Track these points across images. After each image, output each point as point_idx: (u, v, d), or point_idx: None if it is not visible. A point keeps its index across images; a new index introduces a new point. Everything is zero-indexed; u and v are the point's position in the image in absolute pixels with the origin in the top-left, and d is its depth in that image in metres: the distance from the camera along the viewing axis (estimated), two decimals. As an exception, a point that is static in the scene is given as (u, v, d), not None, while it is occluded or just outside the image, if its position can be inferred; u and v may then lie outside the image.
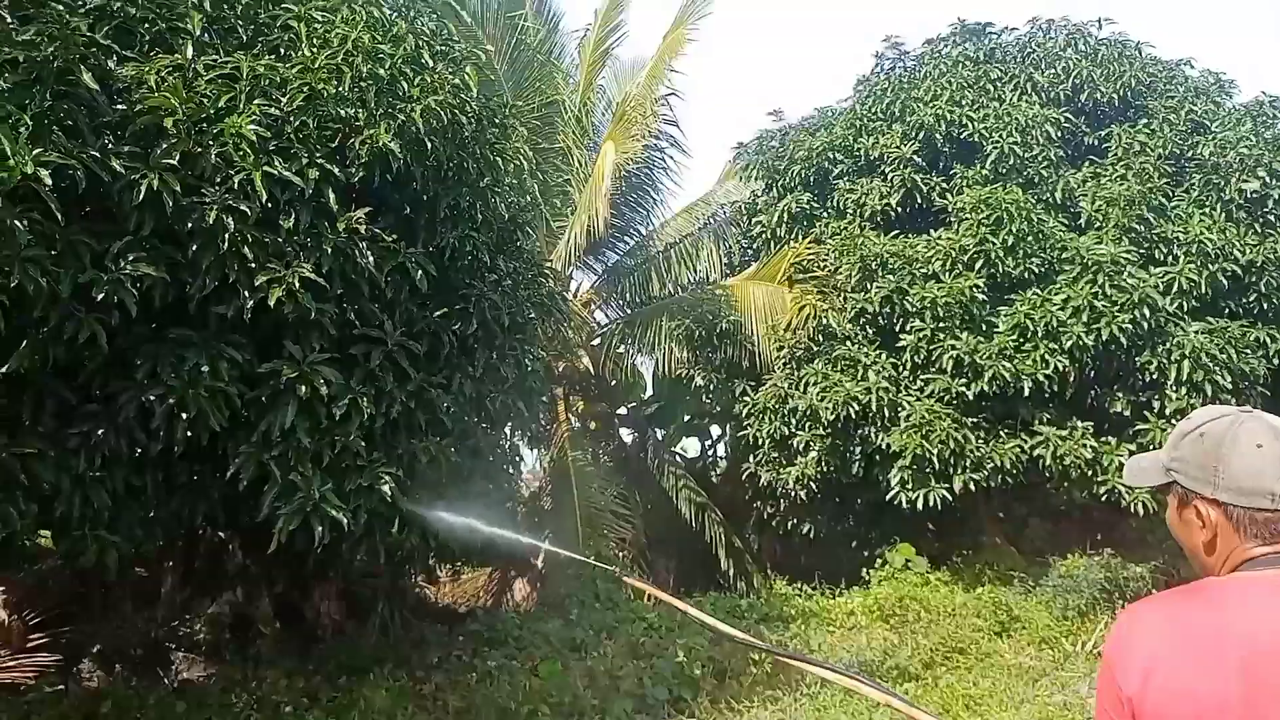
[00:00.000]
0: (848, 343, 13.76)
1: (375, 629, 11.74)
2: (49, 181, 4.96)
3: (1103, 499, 12.79)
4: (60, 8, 5.59)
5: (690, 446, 21.43)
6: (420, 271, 6.87)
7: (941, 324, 12.96)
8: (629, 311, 17.66)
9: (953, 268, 13.28)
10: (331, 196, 6.27)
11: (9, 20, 5.34)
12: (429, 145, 6.80)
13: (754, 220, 15.85)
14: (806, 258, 14.48)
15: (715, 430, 20.22)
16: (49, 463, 5.77)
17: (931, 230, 14.10)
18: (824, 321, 13.87)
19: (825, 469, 13.93)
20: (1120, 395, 13.19)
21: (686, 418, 19.75)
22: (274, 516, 6.35)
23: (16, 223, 4.93)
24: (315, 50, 6.50)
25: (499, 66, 14.84)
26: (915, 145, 14.40)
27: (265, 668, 9.44)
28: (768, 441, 14.39)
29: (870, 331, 13.87)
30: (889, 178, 14.41)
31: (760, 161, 15.85)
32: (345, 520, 6.43)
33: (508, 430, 9.79)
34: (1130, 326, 12.35)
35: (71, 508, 5.97)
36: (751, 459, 15.09)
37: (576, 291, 17.70)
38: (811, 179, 15.27)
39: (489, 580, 16.98)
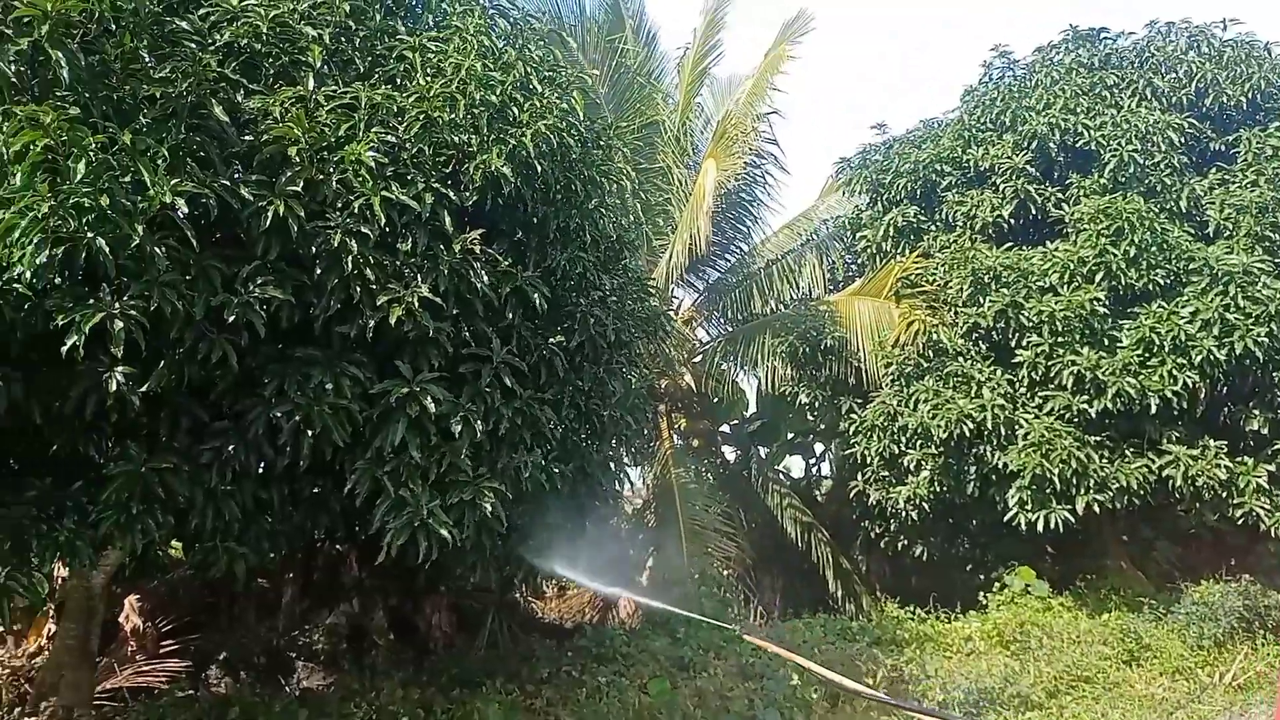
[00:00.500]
0: (960, 359, 13.39)
1: (485, 642, 11.93)
2: (185, 210, 5.24)
3: (1238, 522, 12.10)
4: (193, 46, 5.91)
5: (794, 464, 21.17)
6: (536, 293, 6.97)
7: (1060, 339, 12.51)
8: (730, 329, 17.61)
9: (1071, 280, 12.82)
10: (447, 219, 6.43)
11: (147, 60, 5.67)
12: (539, 168, 6.91)
13: (858, 235, 15.63)
14: (914, 272, 14.19)
15: (819, 448, 19.93)
16: (184, 477, 6.06)
17: (1047, 242, 13.65)
18: (934, 337, 13.54)
19: (938, 488, 13.56)
20: (1257, 413, 12.51)
21: (790, 435, 19.51)
22: (384, 530, 6.53)
23: (156, 249, 5.21)
24: (430, 79, 6.70)
25: (600, 89, 15.05)
26: (1028, 155, 13.98)
27: (381, 678, 9.68)
28: (876, 460, 14.10)
29: (983, 347, 13.48)
30: (1000, 189, 14.02)
31: (864, 175, 15.63)
32: (451, 536, 6.55)
33: (613, 444, 9.81)
34: (1266, 340, 11.69)
35: (205, 520, 6.25)
36: (859, 477, 14.81)
37: (678, 309, 17.74)
38: (918, 192, 14.98)
39: (594, 596, 17.08)
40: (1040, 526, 12.40)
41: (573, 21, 15.96)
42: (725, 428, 18.95)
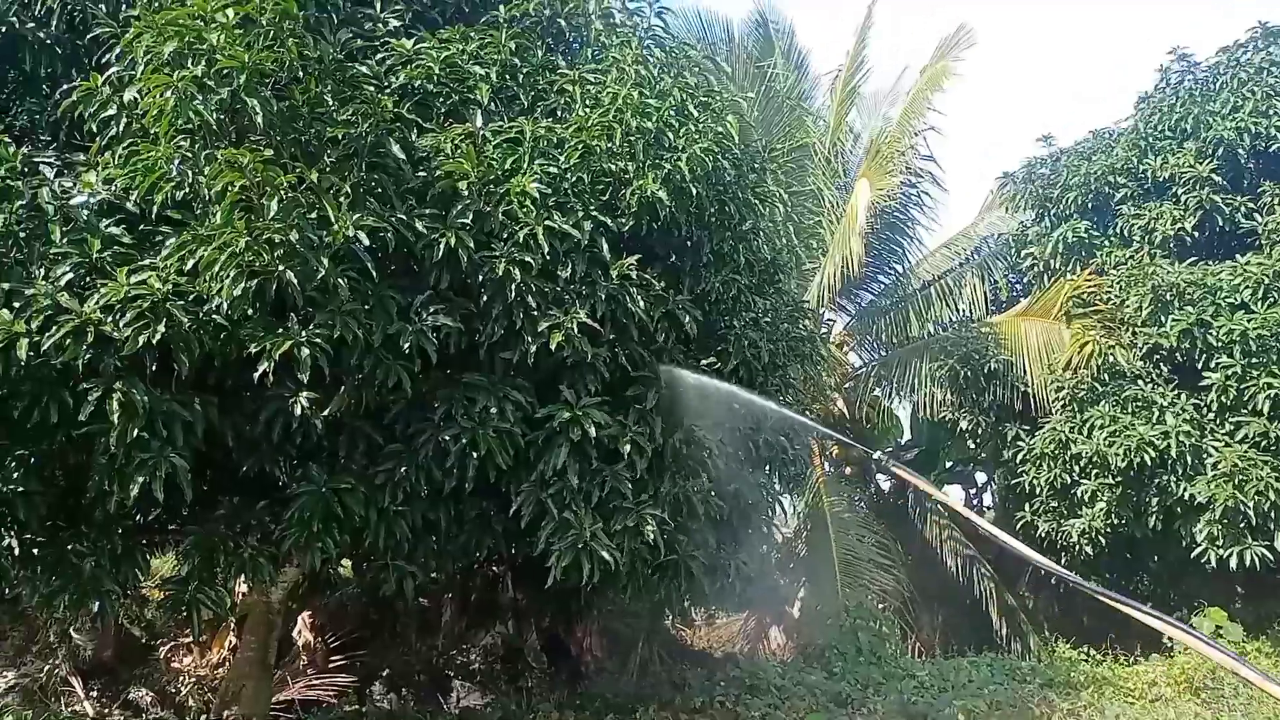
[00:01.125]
0: (1139, 382, 12.58)
1: (636, 668, 11.93)
2: (365, 242, 5.50)
3: None
4: (371, 89, 6.25)
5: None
6: (688, 317, 6.97)
7: (1254, 359, 11.59)
8: (884, 353, 17.13)
9: (1266, 296, 11.89)
10: (604, 246, 6.52)
11: (331, 103, 6.02)
12: (693, 192, 6.93)
13: (1024, 253, 14.94)
14: (1086, 290, 13.43)
15: (981, 477, 19.07)
16: (360, 497, 6.33)
17: (1237, 255, 12.69)
18: (1110, 359, 12.75)
19: (1115, 521, 12.73)
20: None
21: (949, 464, 18.75)
22: (548, 552, 6.61)
23: (339, 280, 5.49)
24: (589, 110, 6.84)
25: (751, 113, 15.00)
26: (1213, 163, 13.05)
27: (536, 700, 9.81)
28: (1046, 490, 13.37)
29: (1165, 369, 12.64)
30: (1182, 200, 13.13)
31: (1030, 190, 14.94)
32: (613, 559, 6.57)
33: (767, 470, 9.65)
34: None
35: (378, 539, 6.51)
36: (1027, 508, 14.05)
37: (829, 333, 17.40)
38: (1089, 206, 14.21)
39: (744, 626, 16.84)
40: (1233, 564, 11.46)
41: (722, 47, 16.01)
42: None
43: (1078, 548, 13.33)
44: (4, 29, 6.39)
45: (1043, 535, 13.90)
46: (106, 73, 5.93)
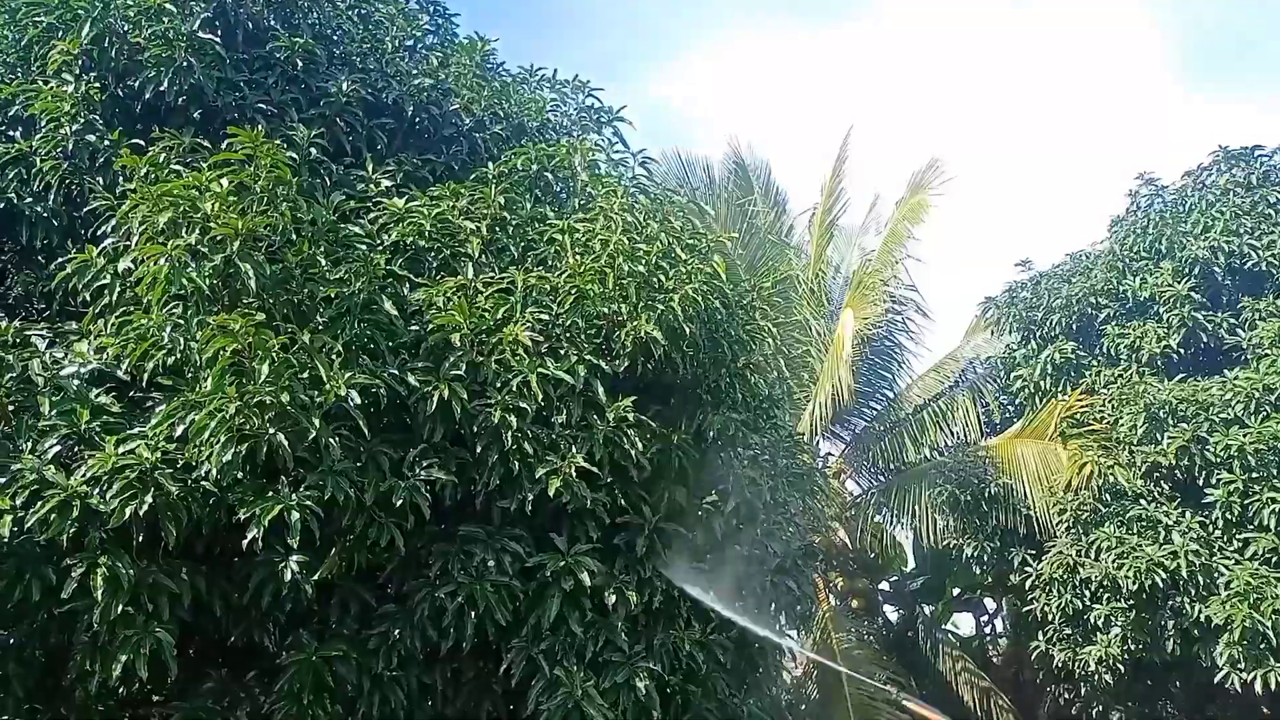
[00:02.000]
0: (1141, 501, 12.43)
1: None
2: (358, 400, 5.46)
3: None
4: (364, 247, 6.35)
5: (963, 622, 19.80)
6: (688, 458, 6.90)
7: (1255, 474, 11.50)
8: (882, 479, 16.95)
9: (1258, 410, 11.86)
10: (600, 389, 6.48)
11: (324, 264, 6.10)
12: (686, 331, 6.96)
13: (1013, 375, 15.01)
14: (1079, 410, 13.45)
15: (990, 604, 18.60)
16: (352, 664, 6.08)
17: (1225, 371, 12.74)
18: (1110, 479, 12.64)
19: (1132, 647, 12.32)
20: None
21: (956, 591, 18.31)
22: (539, 712, 6.32)
23: (331, 440, 5.42)
24: (579, 256, 6.94)
25: (735, 250, 15.34)
26: (1191, 281, 13.30)
27: None
28: (1058, 616, 13.00)
29: (1166, 487, 12.51)
30: (1165, 318, 13.31)
31: (1013, 313, 15.15)
32: (605, 719, 6.28)
33: (772, 610, 9.37)
34: None
35: (371, 707, 6.21)
36: (1040, 636, 13.63)
37: (825, 462, 17.28)
38: (1074, 326, 14.38)
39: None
40: (1258, 687, 11.03)
41: (704, 188, 16.51)
42: (885, 585, 18.00)
43: (1096, 676, 12.87)
44: (2, 204, 6.50)
45: (1059, 665, 13.45)
46: (102, 244, 6.02)
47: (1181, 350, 13.25)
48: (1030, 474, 13.78)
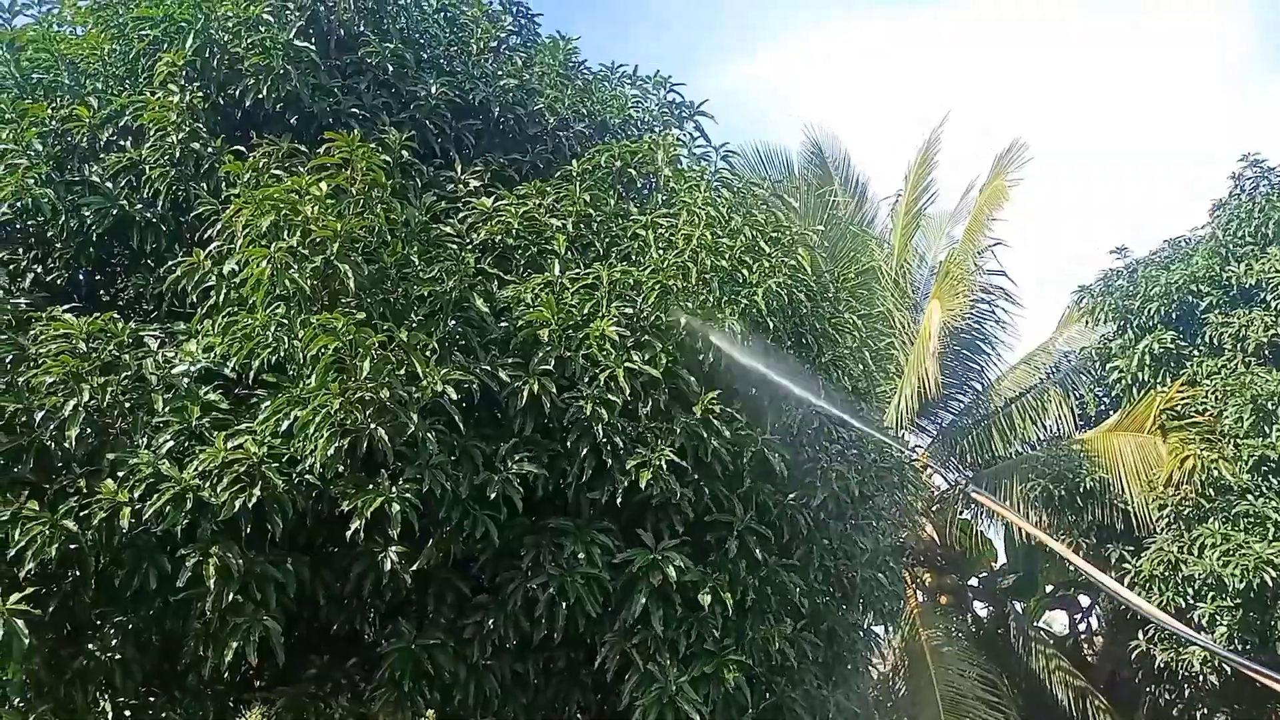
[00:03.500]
0: (1248, 496, 11.93)
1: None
2: (453, 395, 5.58)
3: None
4: (454, 246, 6.48)
5: (1056, 619, 19.28)
6: (775, 454, 6.86)
7: (1371, 468, 10.89)
8: (970, 474, 16.59)
9: (1374, 400, 11.26)
10: (691, 380, 6.49)
11: (417, 263, 6.24)
12: (771, 325, 6.93)
13: (1109, 366, 14.54)
14: (1180, 402, 12.98)
15: (1084, 601, 18.05)
16: (449, 652, 6.22)
17: (1337, 360, 12.13)
18: (1214, 473, 12.18)
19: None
20: None
21: (1049, 588, 17.84)
22: (634, 706, 6.36)
23: (428, 434, 5.55)
24: (663, 252, 6.95)
25: (818, 242, 15.19)
26: (1300, 267, 12.68)
27: None
28: (1159, 615, 12.52)
29: (1276, 482, 11.98)
30: (1272, 305, 12.76)
31: (1109, 302, 14.67)
32: (700, 715, 6.29)
33: (861, 606, 9.28)
34: None
35: (467, 695, 6.34)
36: (1140, 636, 13.21)
37: (911, 457, 16.97)
38: (1173, 315, 13.87)
39: (844, 773, 15.88)
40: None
41: (783, 179, 16.38)
42: (974, 581, 17.62)
43: (1201, 678, 12.42)
44: (115, 211, 6.80)
45: (1161, 665, 13.00)
46: (208, 247, 6.26)
47: (1291, 339, 12.66)
48: (1128, 468, 13.35)
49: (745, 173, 13.00)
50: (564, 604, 6.16)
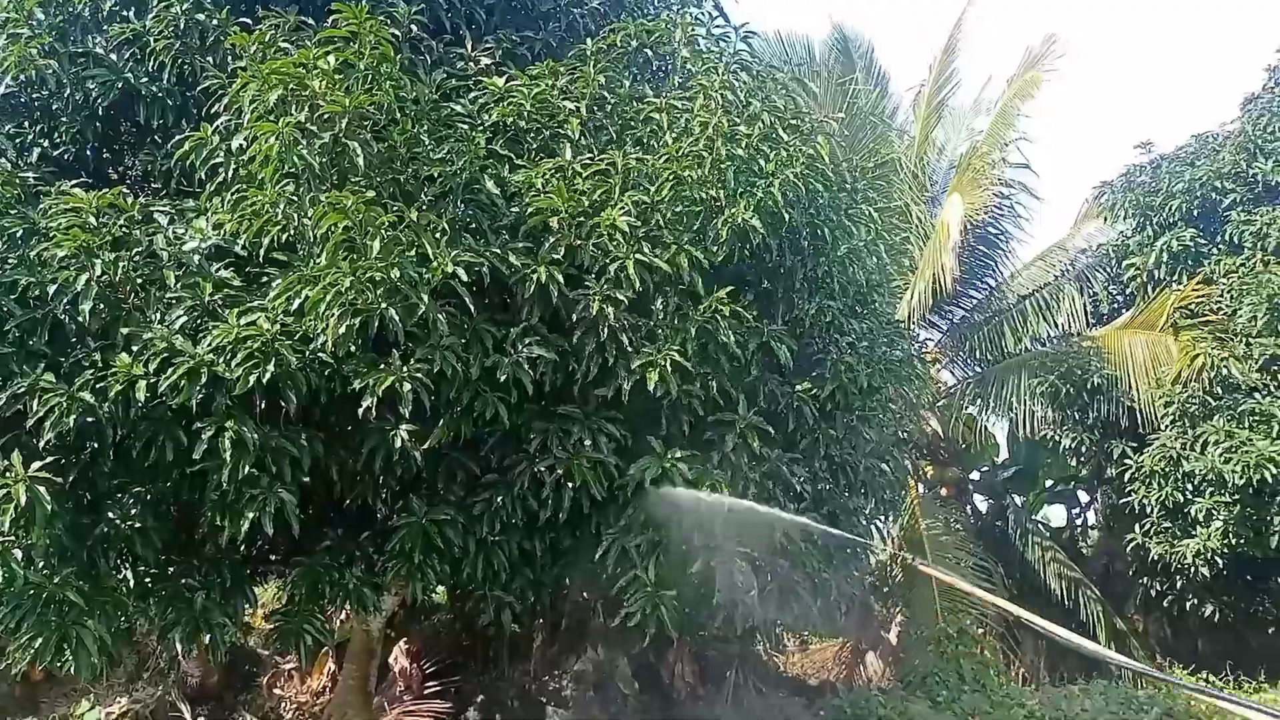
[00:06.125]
0: (1255, 395, 11.97)
1: (730, 695, 11.76)
2: (464, 278, 5.56)
3: None
4: (465, 127, 6.36)
5: (1054, 514, 19.62)
6: (783, 346, 6.86)
7: (1383, 369, 10.87)
8: (979, 369, 16.65)
9: (1392, 302, 11.14)
10: (697, 279, 6.43)
11: (427, 143, 6.14)
12: (786, 217, 6.82)
13: (1125, 263, 14.39)
14: (1194, 300, 12.89)
15: (1083, 496, 18.35)
16: (459, 528, 6.40)
17: (1359, 260, 11.96)
18: (1223, 371, 12.18)
19: (1233, 541, 12.09)
20: None
21: (1049, 483, 18.12)
22: (622, 601, 6.62)
23: (438, 316, 5.57)
24: (677, 139, 6.80)
25: (838, 132, 14.85)
26: (1330, 163, 12.36)
27: (631, 728, 9.71)
28: (1157, 509, 12.81)
29: (1285, 381, 11.95)
30: (1297, 203, 12.47)
31: (1130, 198, 14.40)
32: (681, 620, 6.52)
33: (863, 494, 9.47)
34: None
35: (475, 569, 6.57)
36: (1137, 529, 13.47)
37: (920, 350, 17.00)
38: (1195, 213, 13.63)
39: (839, 652, 16.48)
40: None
41: (805, 67, 15.91)
42: (975, 475, 17.88)
43: (1193, 569, 12.72)
44: (120, 84, 6.68)
45: (1155, 558, 13.31)
46: (215, 122, 6.16)
47: (1313, 238, 12.46)
48: (1137, 365, 13.36)
49: (765, 57, 12.63)
50: (569, 485, 6.28)
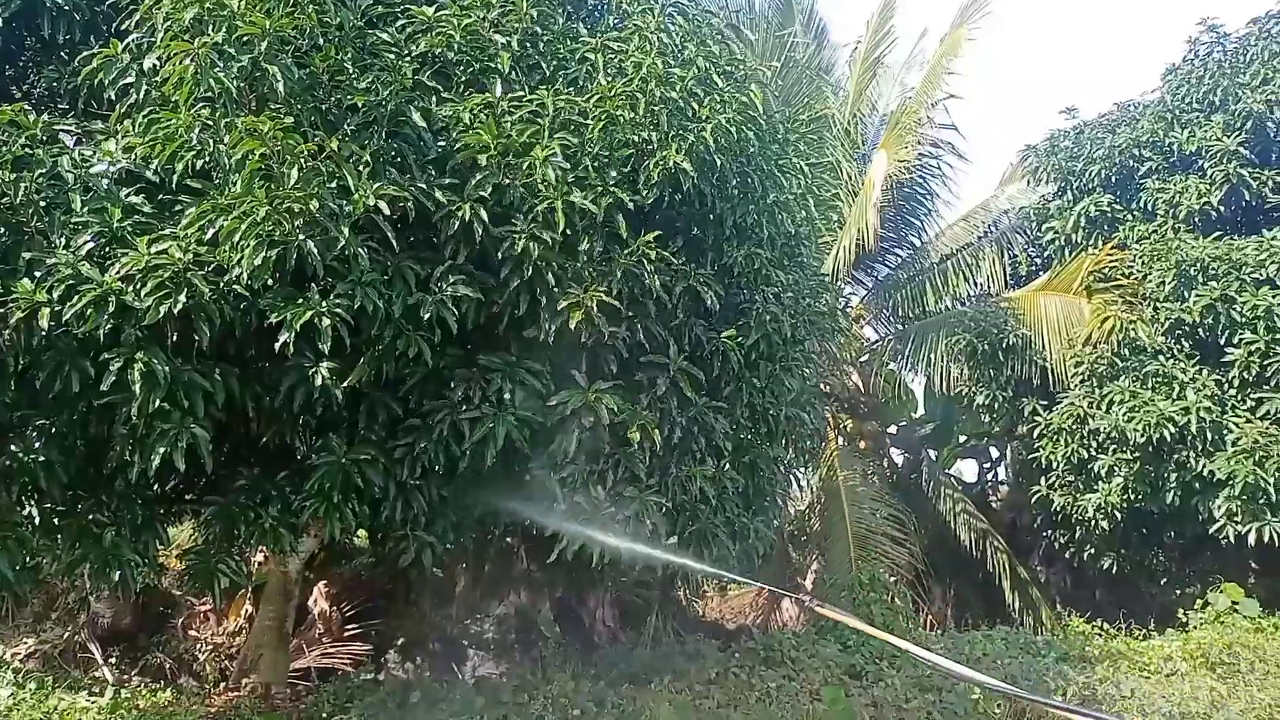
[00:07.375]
0: (1160, 357, 12.45)
1: (649, 638, 11.99)
2: (386, 212, 5.43)
3: None
4: (391, 56, 6.16)
5: (966, 469, 20.28)
6: (710, 292, 6.89)
7: (1278, 336, 11.40)
8: (900, 327, 17.02)
9: (1291, 272, 11.65)
10: (623, 223, 6.39)
11: (351, 71, 5.94)
12: (717, 163, 6.82)
13: (1045, 226, 14.74)
14: (1108, 265, 13.29)
15: (994, 451, 19.00)
16: (379, 469, 6.31)
17: (1263, 230, 12.47)
18: (1131, 334, 12.63)
19: (1132, 497, 12.65)
20: None
21: (963, 438, 18.70)
22: (557, 535, 6.62)
23: (359, 250, 5.44)
24: (611, 79, 6.72)
25: (772, 83, 14.82)
26: (1241, 136, 12.81)
27: (550, 669, 9.83)
28: (1062, 465, 13.29)
29: (1188, 345, 12.48)
30: (1209, 174, 12.90)
31: (1052, 163, 14.70)
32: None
33: (783, 443, 9.64)
34: None
35: (394, 511, 6.52)
36: (1042, 483, 14.00)
37: (845, 306, 17.28)
38: (1113, 179, 13.98)
39: (756, 597, 16.90)
40: (1251, 540, 11.40)
41: (743, 15, 15.80)
42: (893, 429, 18.36)
43: (1093, 522, 13.28)
44: (21, -7, 6.31)
45: (1058, 510, 13.87)
46: (126, 40, 5.85)
47: (1221, 208, 12.91)
48: (1051, 326, 13.77)
49: (703, 2, 12.50)
50: (493, 444, 6.19)
